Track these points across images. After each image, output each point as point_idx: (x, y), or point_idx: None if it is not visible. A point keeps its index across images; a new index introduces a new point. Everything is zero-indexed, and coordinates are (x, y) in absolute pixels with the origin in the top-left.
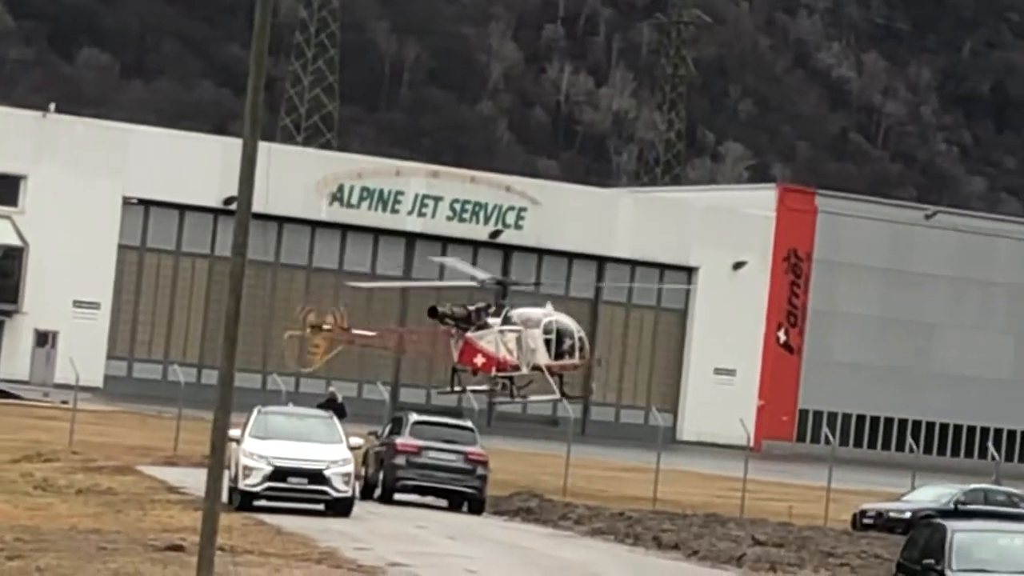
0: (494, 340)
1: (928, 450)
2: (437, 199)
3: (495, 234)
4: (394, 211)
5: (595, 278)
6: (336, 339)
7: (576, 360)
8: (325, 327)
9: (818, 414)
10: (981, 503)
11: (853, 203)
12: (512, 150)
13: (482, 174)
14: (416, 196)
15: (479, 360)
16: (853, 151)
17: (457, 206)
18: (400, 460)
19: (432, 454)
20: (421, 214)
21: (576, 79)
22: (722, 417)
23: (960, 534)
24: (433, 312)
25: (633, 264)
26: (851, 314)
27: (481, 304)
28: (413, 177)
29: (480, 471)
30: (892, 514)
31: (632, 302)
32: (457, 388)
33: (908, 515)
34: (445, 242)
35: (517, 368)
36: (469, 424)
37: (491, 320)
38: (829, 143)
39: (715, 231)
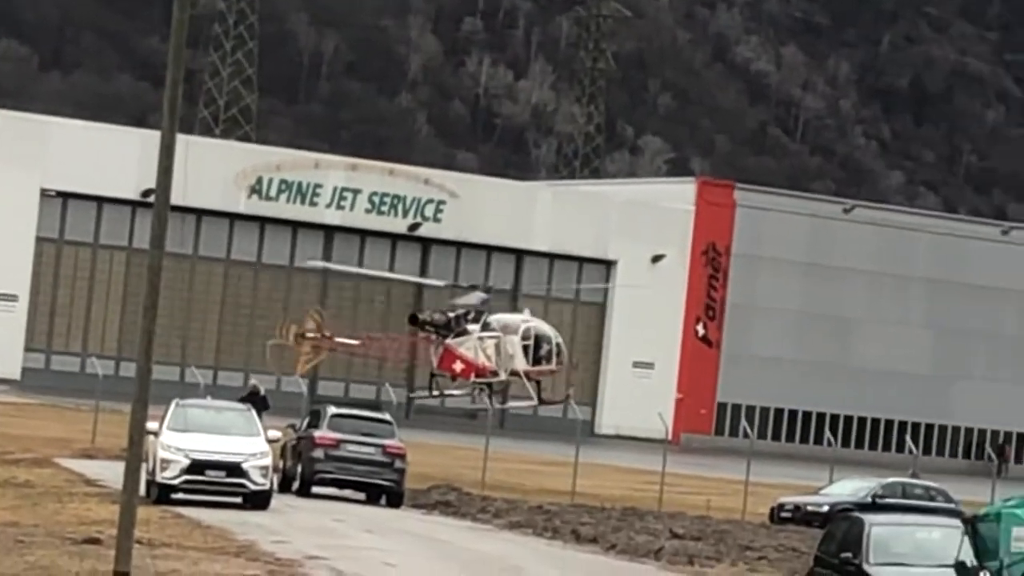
0: (473, 346)
1: (846, 444)
2: (356, 192)
3: (413, 227)
4: (312, 204)
5: (513, 271)
6: (321, 346)
7: (553, 365)
8: (309, 334)
9: (736, 408)
10: (899, 497)
11: (772, 197)
12: (431, 143)
13: (401, 167)
14: (335, 189)
15: (458, 366)
16: (772, 145)
17: (376, 199)
18: (318, 453)
19: (350, 447)
20: (340, 207)
21: (495, 72)
22: (641, 411)
23: (877, 527)
24: (414, 319)
25: (552, 257)
26: (770, 308)
27: (461, 311)
28: (332, 170)
29: (398, 464)
30: (810, 507)
31: (551, 296)
32: (435, 393)
33: (826, 508)
34: (364, 235)
35: (496, 374)
36: (387, 417)
37: (470, 327)
38: (748, 137)
39: (634, 224)
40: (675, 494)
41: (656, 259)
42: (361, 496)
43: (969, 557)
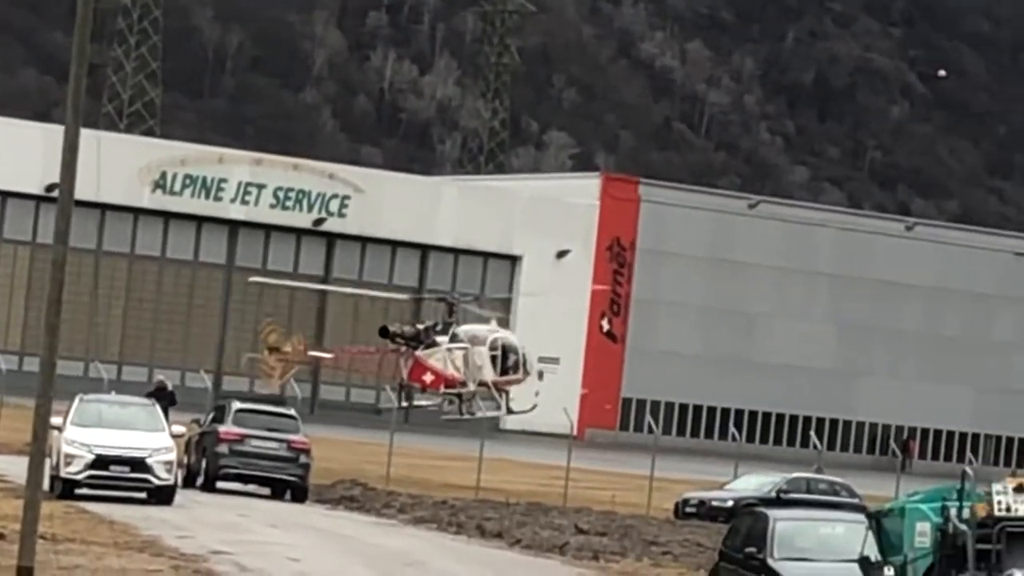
0: (442, 358)
1: (751, 439)
2: (260, 187)
3: (318, 222)
4: (217, 199)
5: (418, 266)
6: (292, 360)
7: (520, 375)
8: (285, 348)
9: (641, 403)
10: (803, 492)
11: (677, 192)
12: (336, 138)
13: (305, 162)
14: (239, 184)
15: (428, 377)
16: (677, 140)
17: (280, 194)
18: (223, 448)
19: (255, 442)
20: (244, 202)
21: (400, 67)
22: (545, 406)
23: (782, 522)
24: (384, 332)
25: (456, 252)
26: (674, 303)
27: (429, 323)
28: (236, 165)
29: (303, 459)
30: (714, 503)
31: (456, 290)
32: (404, 404)
33: (730, 504)
34: (268, 230)
35: (464, 384)
36: (292, 412)
37: (439, 338)
38: (653, 132)
39: (539, 220)
40: (580, 489)
41: (561, 254)
42: (266, 491)
43: (873, 552)
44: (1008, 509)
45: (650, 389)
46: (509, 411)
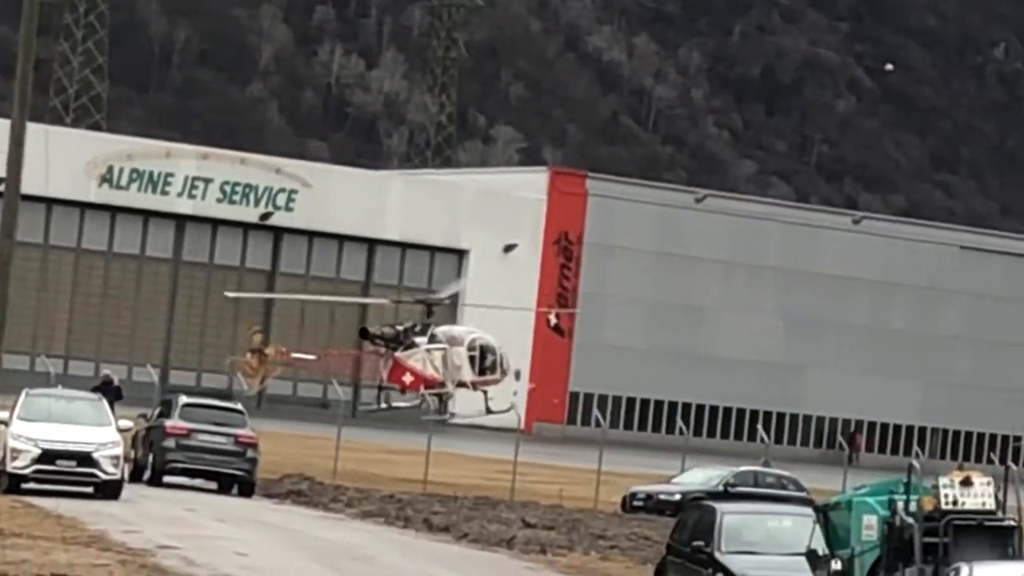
0: (422, 359)
1: (698, 432)
2: (207, 181)
3: (265, 216)
4: (164, 193)
5: (365, 260)
6: (274, 362)
7: (498, 375)
8: (267, 351)
9: (589, 396)
10: (750, 485)
11: (624, 186)
12: (283, 132)
13: (252, 156)
14: (186, 178)
15: (408, 379)
16: (624, 134)
17: (227, 188)
18: (170, 442)
19: (202, 436)
20: (191, 196)
21: (347, 61)
22: (493, 400)
23: (729, 516)
24: (364, 333)
25: (404, 247)
26: (622, 297)
27: (408, 324)
28: (183, 159)
29: (250, 453)
30: (662, 496)
31: (403, 284)
32: (383, 406)
33: (678, 497)
34: (215, 224)
35: (443, 385)
36: (239, 406)
37: (418, 339)
38: (600, 126)
39: (486, 214)
40: (527, 483)
41: (508, 248)
42: (213, 485)
43: (820, 545)
44: (955, 502)
45: (597, 383)
46: (488, 411)
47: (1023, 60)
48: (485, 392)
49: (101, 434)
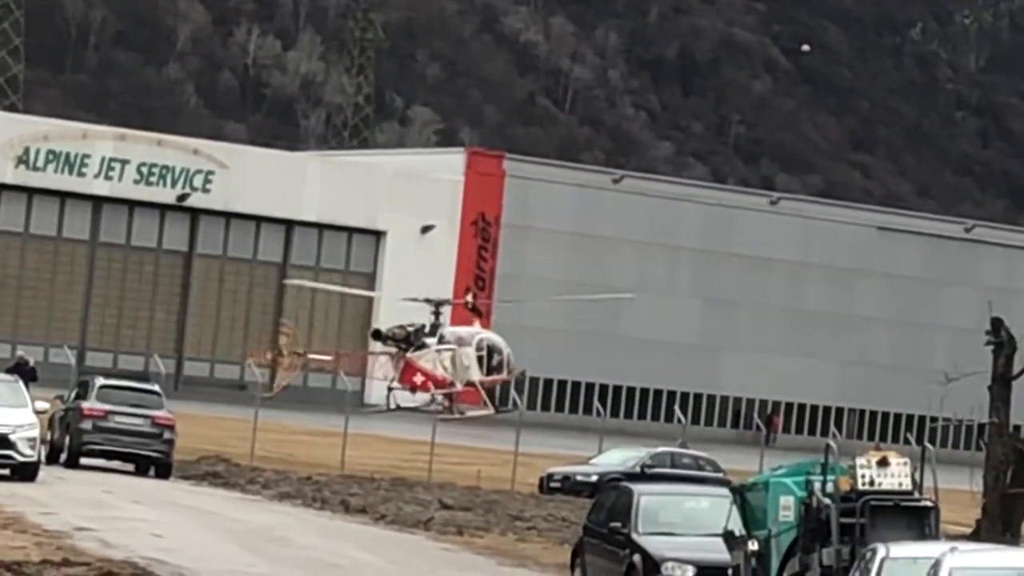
0: (432, 359)
1: (615, 414)
2: (124, 162)
3: (182, 197)
4: (80, 174)
5: (283, 241)
6: (293, 364)
7: (504, 374)
8: (285, 351)
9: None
10: (667, 466)
11: (541, 167)
12: (199, 113)
13: (169, 137)
14: (103, 159)
15: (419, 379)
16: (541, 115)
17: (144, 169)
18: (86, 424)
19: (119, 418)
20: (108, 177)
21: (264, 42)
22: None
23: (646, 497)
24: (377, 334)
25: (321, 228)
26: (539, 278)
27: (418, 325)
28: (100, 140)
29: (167, 435)
30: (579, 477)
31: (321, 265)
32: (392, 406)
33: (595, 478)
34: (132, 205)
35: (452, 385)
36: (156, 388)
37: (428, 340)
38: (517, 107)
39: (403, 195)
40: (445, 465)
41: (425, 229)
42: (130, 467)
43: (737, 526)
44: (871, 483)
45: (515, 364)
46: (497, 410)
47: (940, 40)
48: (492, 391)
49: (17, 416)
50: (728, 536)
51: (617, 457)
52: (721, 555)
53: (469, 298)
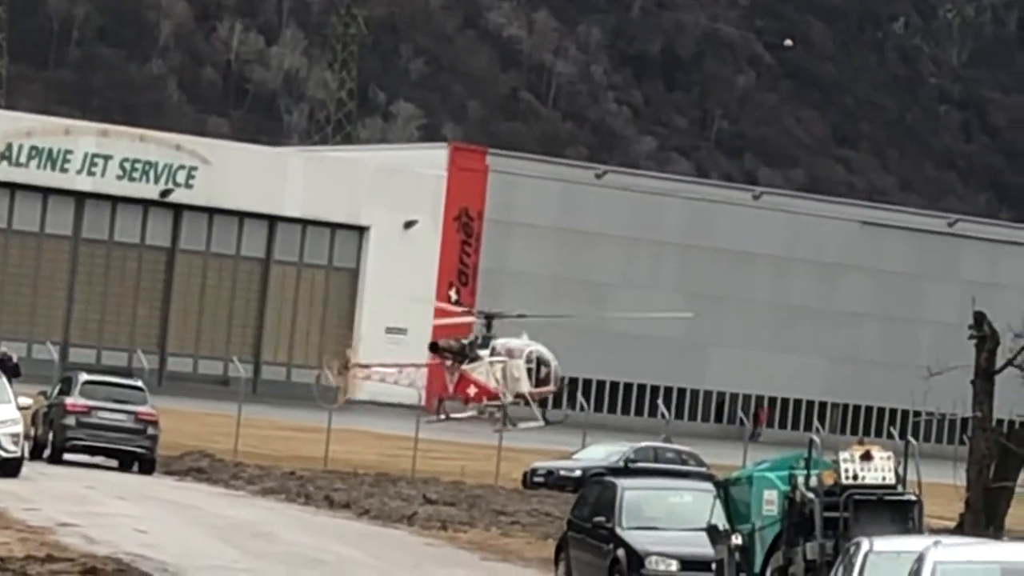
0: (485, 371)
1: (599, 408)
2: (107, 158)
3: (165, 193)
4: (63, 170)
5: (266, 237)
6: (358, 376)
7: (552, 387)
8: (350, 366)
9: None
10: (651, 461)
11: (524, 162)
12: (182, 109)
13: (152, 133)
14: (85, 155)
15: (472, 391)
16: (524, 111)
17: (127, 165)
18: (70, 420)
19: (102, 414)
20: (91, 173)
21: (247, 38)
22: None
23: (630, 492)
24: (434, 347)
25: (304, 223)
26: (522, 273)
27: (472, 337)
28: (82, 136)
29: (151, 431)
30: (563, 472)
31: (304, 261)
32: (442, 416)
33: (578, 473)
34: (115, 201)
35: (503, 396)
36: (139, 384)
37: (481, 352)
38: (500, 103)
39: (386, 190)
40: (428, 460)
41: (408, 225)
42: (113, 463)
43: (721, 520)
44: (855, 477)
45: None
46: (547, 422)
47: (923, 35)
48: (541, 403)
49: (0, 411)
50: (712, 530)
51: (600, 452)
52: (705, 549)
53: (453, 294)
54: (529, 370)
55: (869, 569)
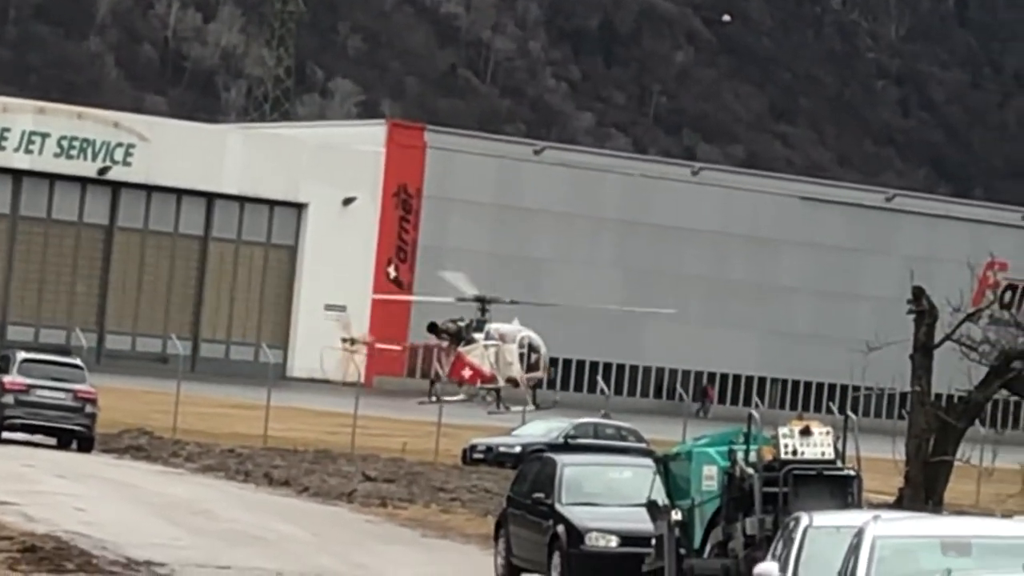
0: (480, 354)
1: (538, 385)
2: (44, 136)
3: (103, 171)
4: (0, 148)
5: (204, 214)
6: (363, 351)
7: (540, 372)
8: (365, 340)
9: (428, 350)
10: (590, 437)
11: (463, 139)
12: (120, 86)
13: (90, 110)
14: (23, 133)
15: (467, 373)
16: (462, 87)
17: (65, 143)
18: (8, 399)
19: (41, 392)
20: (28, 151)
21: (184, 15)
22: (333, 353)
23: (569, 468)
24: (433, 327)
25: (242, 201)
26: (461, 249)
27: (468, 320)
28: (20, 114)
29: (89, 409)
30: (502, 449)
31: (242, 238)
32: (433, 399)
33: (518, 449)
34: (53, 179)
35: (495, 380)
36: (78, 362)
37: (476, 336)
38: (438, 79)
39: (325, 167)
40: (368, 437)
41: (347, 202)
42: (52, 441)
43: (661, 496)
44: (794, 452)
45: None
46: (536, 406)
47: (861, 10)
48: (532, 387)
49: None
50: (651, 506)
51: (540, 428)
52: (644, 525)
53: (391, 271)
54: (521, 355)
55: (808, 544)
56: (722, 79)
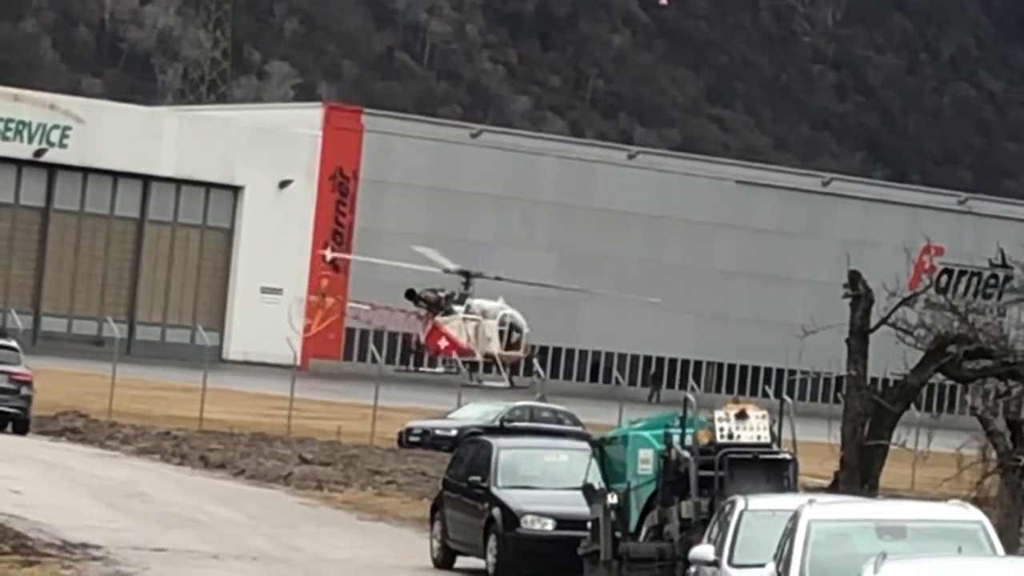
0: (457, 326)
1: (474, 368)
2: None
3: (39, 153)
4: None
5: (140, 197)
6: (331, 310)
7: (520, 352)
8: (327, 300)
9: (364, 333)
10: (527, 420)
11: (399, 122)
12: (56, 68)
13: (26, 92)
14: None
15: (443, 343)
16: (399, 70)
17: (0, 125)
18: None
19: None
20: None
21: None
22: (269, 336)
23: (505, 451)
24: (411, 294)
25: (178, 183)
26: (397, 232)
27: (448, 291)
28: None
29: (24, 391)
30: (438, 432)
31: (178, 221)
32: (411, 368)
33: (454, 433)
34: None
35: (472, 354)
36: (13, 344)
37: (456, 308)
38: (375, 62)
39: (261, 150)
40: (304, 420)
41: (283, 184)
42: None
43: (597, 479)
44: (730, 436)
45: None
46: (512, 385)
47: None
48: (509, 366)
49: None
50: (587, 489)
51: (476, 411)
52: (580, 508)
53: (327, 253)
54: (501, 332)
55: (744, 528)
56: (659, 63)
